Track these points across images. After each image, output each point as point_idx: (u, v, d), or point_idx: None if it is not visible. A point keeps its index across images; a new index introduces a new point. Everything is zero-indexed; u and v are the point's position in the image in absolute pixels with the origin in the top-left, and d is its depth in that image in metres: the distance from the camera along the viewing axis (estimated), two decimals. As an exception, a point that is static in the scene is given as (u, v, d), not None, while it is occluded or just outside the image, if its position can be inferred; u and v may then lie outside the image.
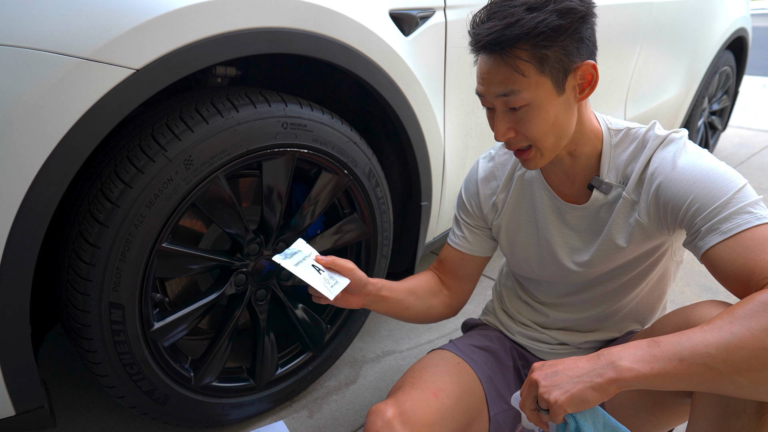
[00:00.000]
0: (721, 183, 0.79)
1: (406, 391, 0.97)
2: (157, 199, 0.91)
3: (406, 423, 0.90)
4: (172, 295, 1.24)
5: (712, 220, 0.77)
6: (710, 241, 0.77)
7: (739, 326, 0.65)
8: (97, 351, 0.95)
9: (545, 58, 0.80)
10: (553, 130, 0.86)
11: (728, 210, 0.76)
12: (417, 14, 1.23)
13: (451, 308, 1.16)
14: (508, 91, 0.82)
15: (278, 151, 1.05)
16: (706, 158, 0.83)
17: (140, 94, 0.83)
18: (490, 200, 1.09)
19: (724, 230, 0.75)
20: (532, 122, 0.84)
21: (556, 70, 0.81)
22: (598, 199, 0.93)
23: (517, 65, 0.80)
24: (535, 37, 0.78)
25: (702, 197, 0.79)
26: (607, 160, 0.92)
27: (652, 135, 0.89)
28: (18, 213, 0.77)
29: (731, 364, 0.64)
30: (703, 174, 0.81)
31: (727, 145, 3.64)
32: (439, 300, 1.14)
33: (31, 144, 0.75)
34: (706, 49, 2.63)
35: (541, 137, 0.86)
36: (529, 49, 0.79)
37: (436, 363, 1.05)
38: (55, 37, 0.74)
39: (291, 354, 1.31)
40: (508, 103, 0.83)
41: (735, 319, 0.66)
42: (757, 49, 7.87)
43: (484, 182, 1.09)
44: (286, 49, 0.98)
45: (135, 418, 1.29)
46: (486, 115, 0.92)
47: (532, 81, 0.81)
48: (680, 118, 2.71)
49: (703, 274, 1.94)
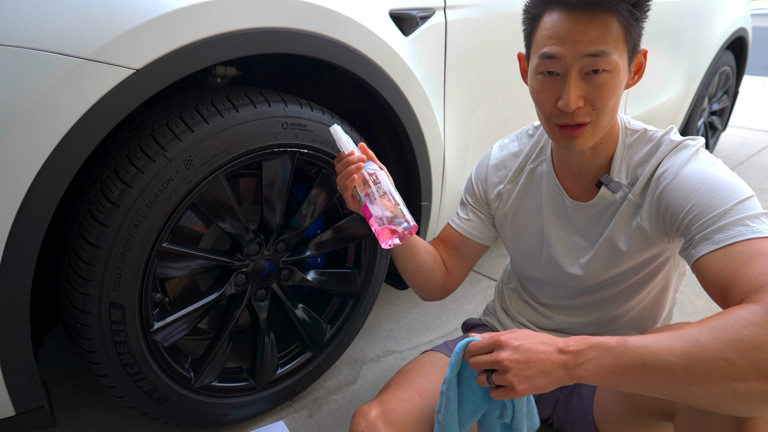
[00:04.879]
0: (723, 192, 0.76)
1: (391, 391, 0.98)
2: (157, 199, 0.91)
3: (389, 422, 0.90)
4: (172, 295, 1.24)
5: (707, 230, 0.75)
6: (701, 251, 0.75)
7: (707, 336, 0.63)
8: (97, 351, 0.95)
9: (630, 30, 0.80)
10: (616, 106, 0.84)
11: (725, 220, 0.74)
12: (417, 14, 1.23)
13: (444, 287, 1.15)
14: (599, 51, 0.78)
15: (278, 151, 1.05)
16: (715, 167, 0.81)
17: (140, 94, 0.83)
18: (496, 188, 1.08)
19: (717, 240, 0.73)
20: (608, 91, 0.81)
21: (632, 46, 0.82)
22: (605, 197, 0.93)
23: (615, 26, 0.79)
24: (633, 6, 0.79)
25: (701, 205, 0.77)
26: (619, 159, 0.92)
27: (667, 139, 0.88)
28: (18, 213, 0.76)
29: (691, 373, 0.63)
30: (707, 182, 0.79)
31: (727, 145, 3.64)
32: (438, 274, 1.13)
33: (31, 144, 0.75)
34: (706, 49, 2.63)
35: (607, 110, 0.82)
36: (624, 15, 0.79)
37: (423, 364, 1.05)
38: (55, 37, 0.74)
39: (291, 354, 1.31)
40: (594, 65, 0.79)
41: (705, 329, 0.64)
42: (757, 49, 7.87)
43: (494, 169, 1.09)
44: (286, 49, 0.98)
45: (135, 418, 1.29)
46: (535, 87, 0.86)
47: (620, 47, 0.80)
48: (680, 118, 2.71)
49: (703, 274, 1.93)
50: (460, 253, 1.15)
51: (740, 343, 0.61)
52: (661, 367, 0.64)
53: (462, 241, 1.14)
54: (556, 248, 1.01)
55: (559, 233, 1.01)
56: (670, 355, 0.64)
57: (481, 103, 1.48)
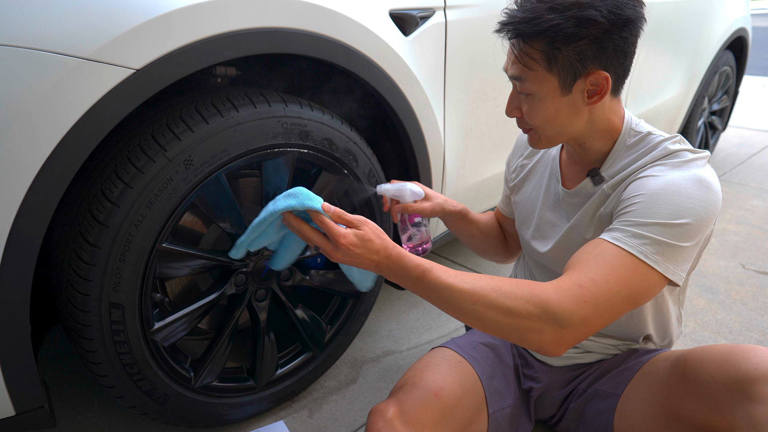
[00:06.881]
0: (671, 208, 0.79)
1: (407, 390, 0.97)
2: (157, 199, 0.91)
3: (407, 422, 0.90)
4: (172, 295, 1.24)
5: (621, 223, 0.82)
6: (602, 235, 0.84)
7: (491, 291, 0.76)
8: (97, 351, 0.95)
9: (555, 58, 0.81)
10: (553, 124, 0.88)
11: (639, 228, 0.79)
12: (417, 14, 1.23)
13: (509, 253, 1.32)
14: (516, 75, 0.87)
15: (278, 151, 1.05)
16: (691, 183, 0.81)
17: (140, 94, 0.83)
18: (517, 160, 1.17)
19: (610, 234, 0.82)
20: (533, 111, 0.88)
21: (565, 72, 0.82)
22: (585, 187, 0.96)
23: (526, 58, 0.83)
24: (549, 37, 0.80)
25: (644, 205, 0.81)
26: (613, 157, 0.93)
27: (663, 146, 0.88)
28: (18, 213, 0.76)
29: (457, 308, 0.78)
30: (670, 191, 0.80)
31: (727, 145, 3.64)
32: (502, 243, 1.31)
33: (31, 144, 0.75)
34: (706, 49, 2.63)
35: (540, 126, 0.90)
36: (541, 46, 0.81)
37: (437, 362, 1.05)
38: (55, 37, 0.73)
39: (291, 354, 1.31)
40: (519, 86, 0.89)
41: (499, 285, 0.77)
42: (757, 49, 7.87)
43: (521, 142, 1.19)
44: (286, 49, 0.98)
45: (135, 418, 1.29)
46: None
47: (539, 75, 0.84)
48: (680, 118, 2.71)
49: (704, 274, 1.94)
50: (505, 227, 1.31)
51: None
52: (441, 300, 0.79)
53: (501, 216, 1.30)
54: (544, 229, 1.06)
55: (548, 216, 1.05)
56: (457, 298, 0.78)
57: (481, 103, 1.48)
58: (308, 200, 0.82)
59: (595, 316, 0.76)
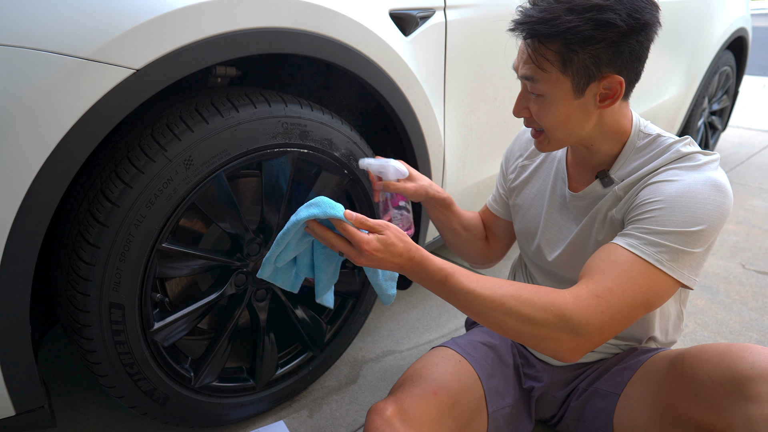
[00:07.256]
0: (688, 215, 0.79)
1: (406, 389, 0.97)
2: (157, 199, 0.91)
3: (406, 421, 0.90)
4: (172, 295, 1.24)
5: (637, 229, 0.82)
6: (616, 240, 0.84)
7: (510, 299, 0.78)
8: (97, 351, 0.95)
9: (570, 60, 0.80)
10: (563, 126, 0.87)
11: (655, 236, 0.80)
12: (417, 14, 1.23)
13: (485, 257, 1.27)
14: (528, 76, 0.85)
15: (278, 151, 1.05)
16: (707, 188, 0.81)
17: (140, 94, 0.83)
18: (516, 161, 1.15)
19: (625, 240, 0.82)
20: (543, 112, 0.87)
21: (579, 75, 0.81)
22: (594, 189, 0.95)
23: (540, 59, 0.82)
24: (565, 39, 0.79)
25: (661, 212, 0.81)
26: (622, 159, 0.93)
27: (676, 149, 0.88)
28: (18, 213, 0.76)
29: (476, 312, 0.80)
30: (688, 197, 0.80)
31: (727, 145, 3.64)
32: (482, 244, 1.26)
33: (30, 144, 0.75)
34: (706, 49, 2.62)
35: (550, 129, 0.89)
36: (557, 48, 0.80)
37: (436, 361, 1.05)
38: (55, 37, 0.73)
39: (291, 354, 1.31)
40: (529, 87, 0.87)
41: (519, 293, 0.79)
42: (757, 49, 7.86)
43: (520, 143, 1.17)
44: (286, 49, 0.98)
45: (135, 418, 1.29)
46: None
47: (552, 77, 0.83)
48: (680, 118, 2.71)
49: (704, 274, 1.94)
50: (491, 228, 1.25)
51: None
52: (463, 305, 0.81)
53: (489, 216, 1.25)
54: (552, 233, 1.04)
55: (556, 219, 1.03)
56: (479, 303, 0.79)
57: (481, 103, 1.48)
58: (330, 209, 0.81)
59: (611, 325, 0.77)
